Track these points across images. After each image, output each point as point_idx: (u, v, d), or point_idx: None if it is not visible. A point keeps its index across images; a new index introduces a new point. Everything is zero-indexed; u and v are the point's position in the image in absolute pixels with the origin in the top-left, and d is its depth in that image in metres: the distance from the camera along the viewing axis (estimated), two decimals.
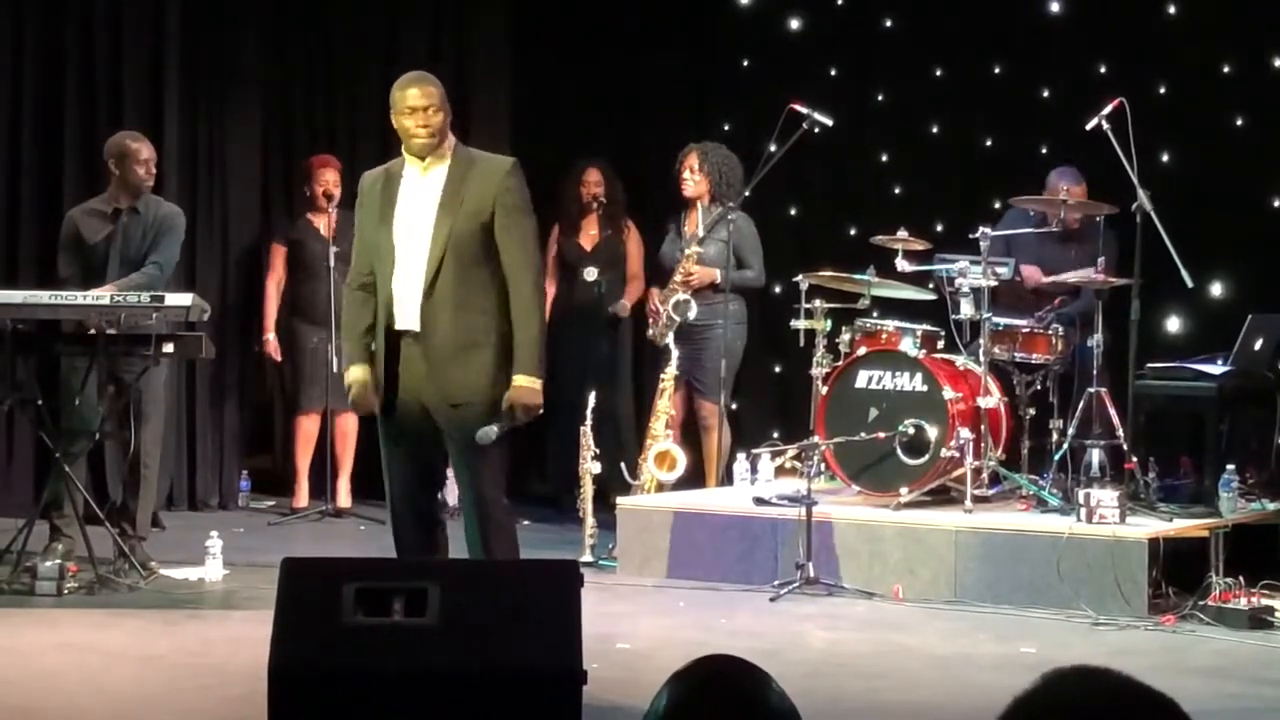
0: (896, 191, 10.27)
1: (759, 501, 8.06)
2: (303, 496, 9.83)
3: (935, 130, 10.22)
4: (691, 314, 8.81)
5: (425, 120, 5.72)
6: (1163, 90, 9.38)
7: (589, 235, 9.80)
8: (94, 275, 7.77)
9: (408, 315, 5.70)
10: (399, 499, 5.84)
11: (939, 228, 9.45)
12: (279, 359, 9.83)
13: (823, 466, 8.14)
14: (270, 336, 9.79)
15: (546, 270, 9.86)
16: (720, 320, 8.88)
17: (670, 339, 8.84)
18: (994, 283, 7.96)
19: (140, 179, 7.90)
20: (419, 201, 5.75)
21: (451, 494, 6.74)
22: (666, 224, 9.37)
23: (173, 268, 8.00)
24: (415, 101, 5.73)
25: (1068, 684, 1.75)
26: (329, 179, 9.65)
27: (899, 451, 7.90)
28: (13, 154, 9.55)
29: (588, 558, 8.05)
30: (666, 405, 8.78)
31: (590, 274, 9.52)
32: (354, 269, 5.96)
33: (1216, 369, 8.22)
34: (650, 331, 9.10)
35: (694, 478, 8.94)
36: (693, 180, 9.04)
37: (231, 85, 10.16)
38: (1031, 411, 8.23)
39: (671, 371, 8.80)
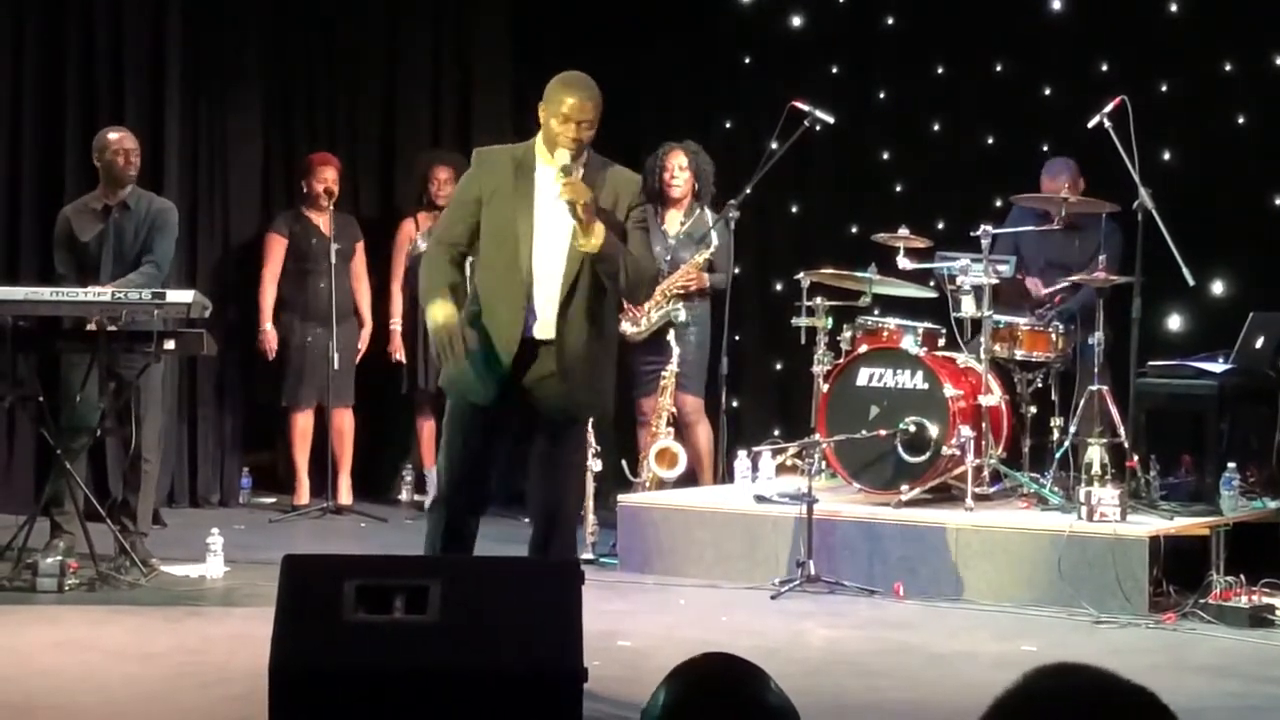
0: (898, 189, 10.26)
1: (760, 499, 8.06)
2: (303, 493, 9.83)
3: (936, 128, 10.22)
4: (682, 317, 8.81)
5: (578, 135, 5.49)
6: (1164, 89, 9.37)
7: None
8: (88, 272, 7.77)
9: (544, 323, 5.52)
10: (462, 488, 5.67)
11: (940, 225, 9.45)
12: (273, 353, 9.77)
13: (824, 464, 8.14)
14: (268, 327, 9.74)
15: None
16: (697, 319, 8.89)
17: (671, 336, 8.84)
18: (995, 280, 7.96)
19: (121, 169, 7.87)
20: (557, 207, 5.48)
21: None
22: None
23: (169, 264, 7.99)
24: (575, 114, 5.47)
25: (1046, 681, 1.75)
26: (329, 176, 9.65)
27: (900, 449, 7.90)
28: (14, 151, 9.56)
29: (589, 555, 8.05)
30: (668, 402, 8.78)
31: None
32: (445, 234, 5.67)
33: (1217, 367, 8.22)
34: (629, 328, 9.03)
35: (692, 475, 8.96)
36: (681, 179, 9.02)
37: (232, 83, 10.17)
38: (1032, 409, 8.24)
39: (673, 369, 8.79)
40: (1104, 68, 9.56)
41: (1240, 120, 9.33)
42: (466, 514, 5.72)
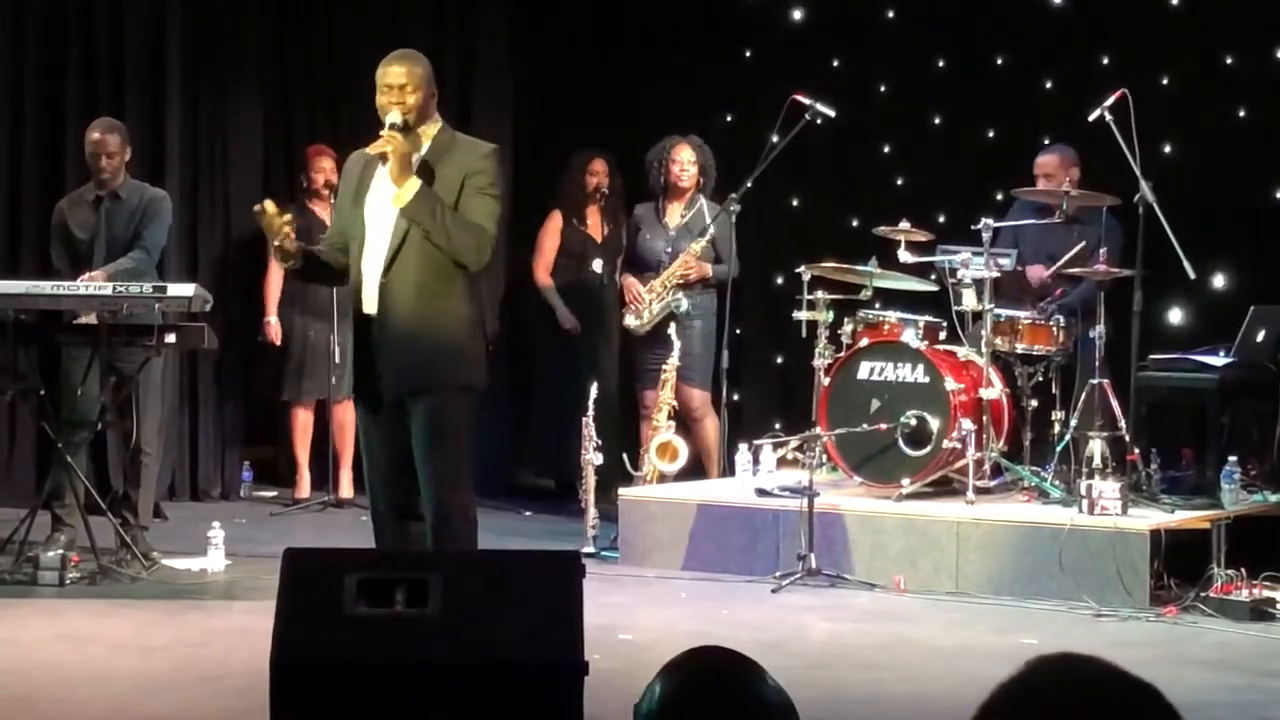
0: (899, 183, 10.27)
1: (761, 493, 8.06)
2: (304, 487, 9.84)
3: (937, 121, 10.22)
4: (685, 307, 8.83)
5: (400, 98, 5.61)
6: (1165, 81, 9.37)
7: (595, 226, 9.79)
8: (83, 264, 7.75)
9: (370, 299, 5.61)
10: (373, 490, 5.75)
11: (941, 219, 9.46)
12: (278, 343, 9.78)
13: (825, 458, 8.14)
14: (271, 319, 9.74)
15: (546, 263, 9.85)
16: (702, 310, 8.91)
17: (672, 330, 8.85)
18: (996, 274, 7.96)
19: (99, 166, 7.82)
20: (385, 186, 5.62)
21: None
22: (636, 215, 9.29)
23: (160, 251, 7.96)
24: (391, 80, 5.63)
25: (1050, 672, 1.75)
26: (326, 167, 9.65)
27: (901, 443, 7.90)
28: (14, 143, 9.55)
29: (590, 549, 8.05)
30: (669, 396, 8.79)
31: (599, 265, 9.53)
32: (325, 239, 6.02)
33: (1218, 361, 8.22)
34: (631, 321, 9.06)
35: (695, 469, 8.96)
36: (691, 170, 9.06)
37: (233, 75, 10.16)
38: (1033, 403, 8.24)
39: (674, 362, 8.80)
40: (1104, 61, 9.55)
41: (1241, 113, 9.32)
42: (390, 520, 5.68)
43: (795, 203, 10.54)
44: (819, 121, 8.50)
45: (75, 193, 8.07)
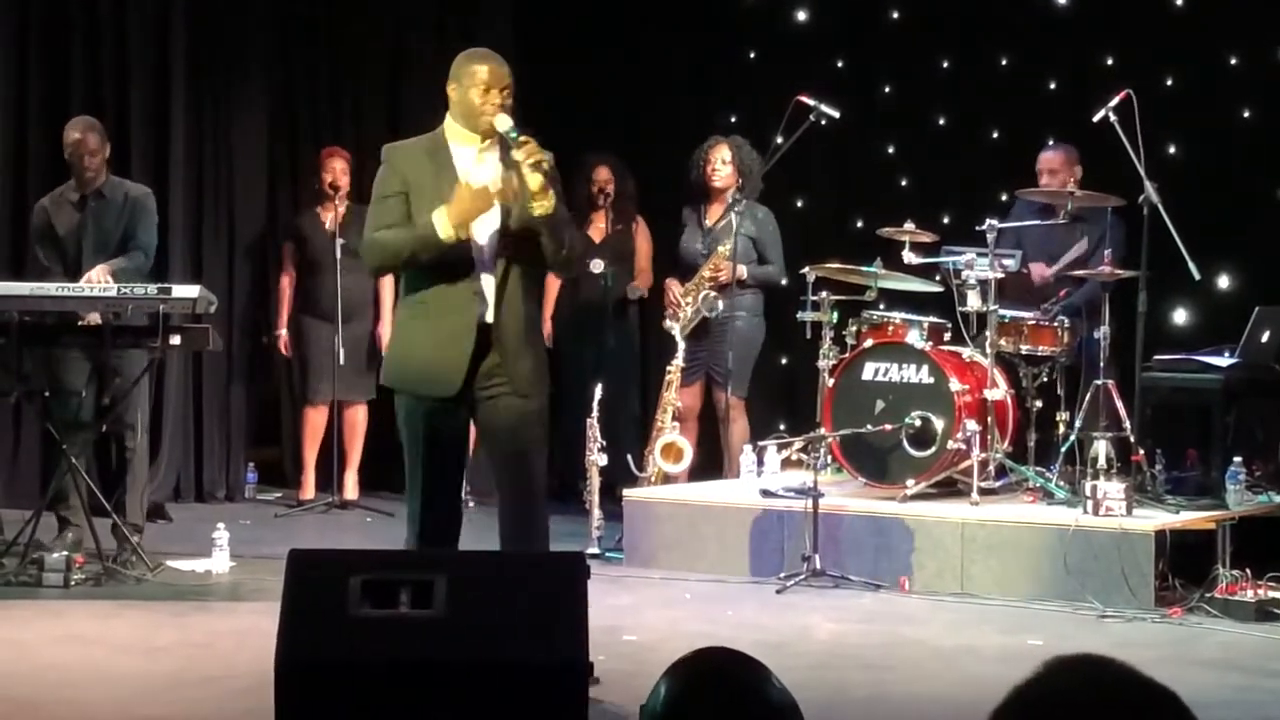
0: (903, 183, 10.26)
1: (765, 494, 8.05)
2: (309, 488, 9.83)
3: (942, 122, 10.22)
4: (720, 307, 8.83)
5: (501, 100, 5.45)
6: (1170, 82, 9.37)
7: (597, 229, 9.79)
8: (70, 264, 7.74)
9: (484, 306, 5.45)
10: (437, 489, 5.59)
11: (945, 220, 9.46)
12: (288, 354, 9.83)
13: (829, 459, 8.14)
14: (282, 331, 9.77)
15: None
16: (739, 312, 8.90)
17: (675, 331, 8.85)
18: (1000, 275, 7.96)
19: (83, 166, 7.80)
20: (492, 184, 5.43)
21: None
22: (684, 216, 9.34)
23: (154, 250, 7.95)
24: (492, 80, 5.45)
25: (1068, 674, 1.74)
26: (337, 168, 9.64)
27: (905, 444, 7.90)
28: (19, 147, 9.55)
29: (594, 550, 8.05)
30: (673, 397, 8.79)
31: (596, 265, 9.51)
32: (379, 225, 5.45)
33: (1223, 361, 8.22)
34: (668, 324, 9.07)
35: (705, 469, 8.96)
36: (725, 171, 9.05)
37: (237, 76, 10.16)
38: (1038, 404, 8.23)
39: (678, 364, 8.80)
40: (1109, 61, 9.55)
41: (1245, 114, 9.32)
42: (448, 517, 5.60)
43: (799, 204, 10.53)
44: (823, 122, 8.49)
45: (55, 193, 8.01)
